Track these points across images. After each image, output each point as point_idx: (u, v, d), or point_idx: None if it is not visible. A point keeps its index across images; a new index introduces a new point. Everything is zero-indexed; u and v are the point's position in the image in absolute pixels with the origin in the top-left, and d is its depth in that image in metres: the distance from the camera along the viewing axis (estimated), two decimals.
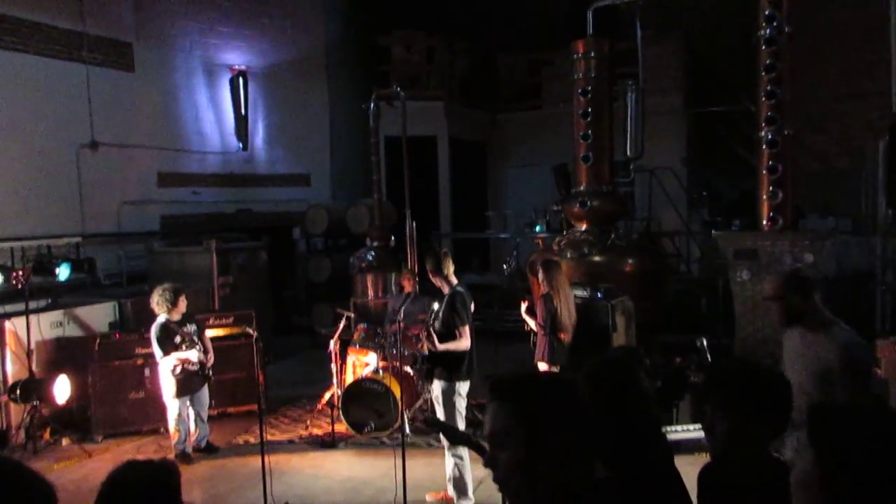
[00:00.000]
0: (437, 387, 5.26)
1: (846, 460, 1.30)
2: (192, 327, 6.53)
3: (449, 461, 5.16)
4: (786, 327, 3.50)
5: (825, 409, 1.44)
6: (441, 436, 5.05)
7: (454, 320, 5.16)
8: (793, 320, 3.45)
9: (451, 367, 5.19)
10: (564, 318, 5.91)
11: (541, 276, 6.08)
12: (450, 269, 5.31)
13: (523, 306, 6.35)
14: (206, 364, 6.54)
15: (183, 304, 6.41)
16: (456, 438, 3.22)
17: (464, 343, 5.15)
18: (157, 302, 6.33)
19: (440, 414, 5.29)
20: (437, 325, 5.24)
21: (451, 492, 5.22)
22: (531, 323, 6.26)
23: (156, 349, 6.32)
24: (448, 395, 5.19)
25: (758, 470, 2.07)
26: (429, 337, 5.13)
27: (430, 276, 5.38)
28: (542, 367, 6.17)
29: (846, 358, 3.21)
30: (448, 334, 5.17)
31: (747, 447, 2.09)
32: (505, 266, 6.29)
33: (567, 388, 1.57)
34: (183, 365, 6.34)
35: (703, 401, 2.20)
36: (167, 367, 6.33)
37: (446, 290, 5.32)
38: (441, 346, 5.11)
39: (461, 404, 5.25)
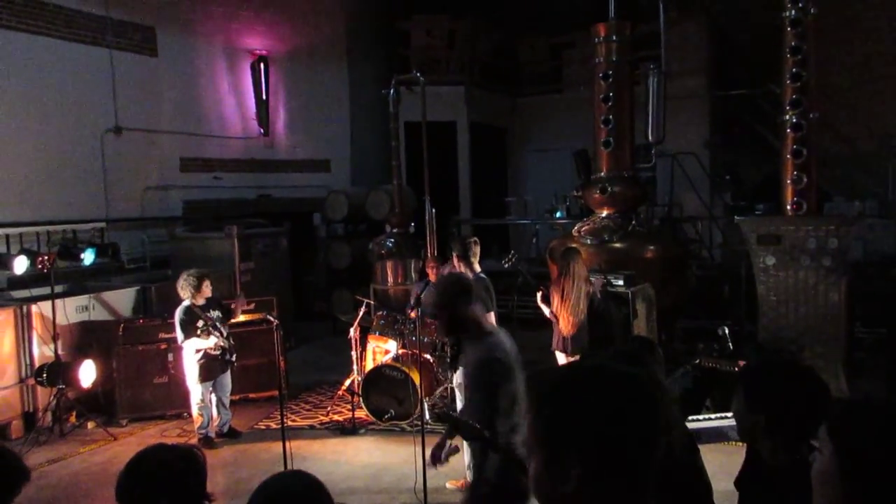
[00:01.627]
0: (462, 375, 5.24)
1: (864, 457, 1.30)
2: (216, 313, 6.60)
3: (468, 449, 5.16)
4: (448, 336, 3.41)
5: (844, 406, 1.43)
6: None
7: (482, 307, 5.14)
8: (456, 329, 3.39)
9: None
10: (572, 308, 5.88)
11: (559, 261, 6.05)
12: (476, 256, 5.31)
13: (539, 295, 6.31)
14: (231, 351, 6.62)
15: (207, 289, 6.49)
16: (467, 434, 3.17)
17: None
18: (182, 286, 6.43)
19: (461, 402, 5.27)
20: None
21: (470, 479, 5.23)
22: (546, 311, 6.23)
23: (178, 333, 6.42)
24: None
25: (787, 465, 2.05)
26: None
27: (455, 262, 5.36)
28: (560, 356, 6.15)
29: (475, 370, 3.21)
30: None
31: (776, 442, 2.07)
32: (505, 262, 6.14)
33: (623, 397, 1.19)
34: (205, 350, 6.42)
35: (734, 395, 2.16)
36: (190, 352, 6.42)
37: (470, 276, 5.30)
38: None
39: None
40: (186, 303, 6.43)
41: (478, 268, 5.35)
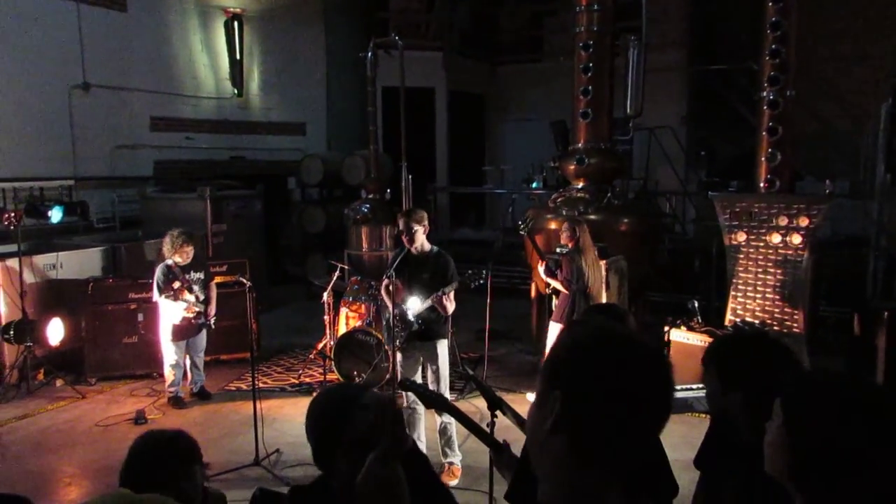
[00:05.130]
0: (442, 346, 5.16)
1: (812, 430, 1.33)
2: (196, 275, 6.58)
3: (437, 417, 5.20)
4: None
5: (798, 379, 1.45)
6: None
7: (452, 281, 5.00)
8: None
9: (444, 326, 5.16)
10: (595, 280, 5.92)
11: (566, 234, 6.05)
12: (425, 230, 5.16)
13: (541, 267, 6.26)
14: (208, 315, 6.62)
15: (184, 250, 6.44)
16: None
17: (454, 305, 5.08)
18: (164, 244, 6.49)
19: (444, 372, 5.18)
20: (424, 285, 5.06)
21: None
22: (555, 283, 6.18)
23: (154, 289, 6.48)
24: (447, 353, 5.19)
25: (756, 435, 2.07)
26: (444, 300, 4.92)
27: (418, 233, 5.09)
28: (556, 328, 6.13)
29: None
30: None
31: (743, 413, 2.07)
32: (522, 227, 6.16)
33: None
34: (183, 310, 6.44)
35: (704, 366, 2.14)
36: (165, 310, 6.47)
37: (427, 248, 5.12)
38: (451, 310, 4.99)
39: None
40: (168, 262, 6.47)
41: (427, 244, 5.15)
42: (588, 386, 1.14)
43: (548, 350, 1.33)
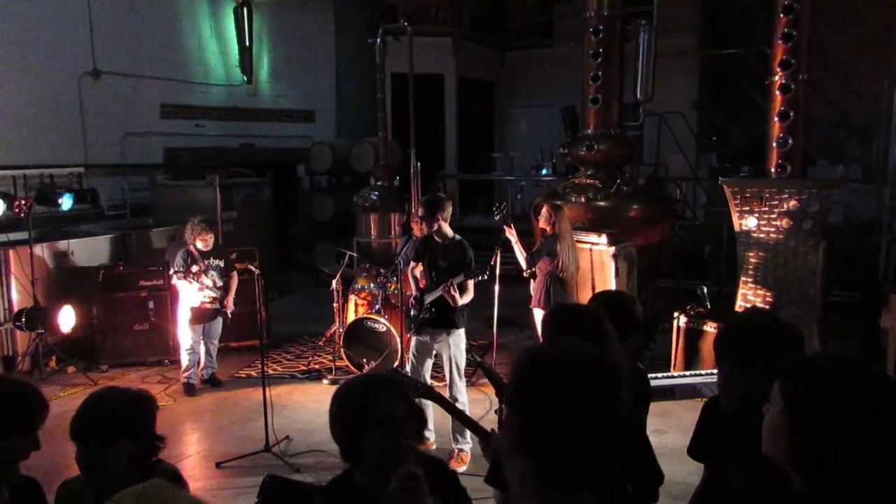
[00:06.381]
0: (455, 336, 5.14)
1: (813, 415, 1.31)
2: (216, 262, 6.71)
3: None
4: None
5: (796, 363, 1.43)
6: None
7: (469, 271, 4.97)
8: None
9: (459, 315, 5.13)
10: (569, 266, 5.88)
11: (543, 218, 6.01)
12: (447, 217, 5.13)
13: (520, 256, 6.20)
14: (226, 303, 6.72)
15: (202, 238, 6.55)
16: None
17: (471, 295, 5.07)
18: (186, 231, 6.68)
19: (459, 361, 5.17)
20: (440, 272, 5.05)
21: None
22: (512, 238, 6.10)
23: (172, 272, 6.64)
24: (461, 343, 5.20)
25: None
26: (451, 290, 4.90)
27: (432, 221, 5.08)
28: (539, 313, 6.13)
29: None
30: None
31: (759, 402, 2.03)
32: (496, 214, 5.95)
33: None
34: (201, 300, 6.57)
35: (718, 356, 2.09)
36: (182, 293, 6.62)
37: (449, 234, 5.12)
38: (460, 302, 4.95)
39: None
40: (189, 247, 6.62)
41: (450, 231, 5.14)
42: (538, 407, 1.29)
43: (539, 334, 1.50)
